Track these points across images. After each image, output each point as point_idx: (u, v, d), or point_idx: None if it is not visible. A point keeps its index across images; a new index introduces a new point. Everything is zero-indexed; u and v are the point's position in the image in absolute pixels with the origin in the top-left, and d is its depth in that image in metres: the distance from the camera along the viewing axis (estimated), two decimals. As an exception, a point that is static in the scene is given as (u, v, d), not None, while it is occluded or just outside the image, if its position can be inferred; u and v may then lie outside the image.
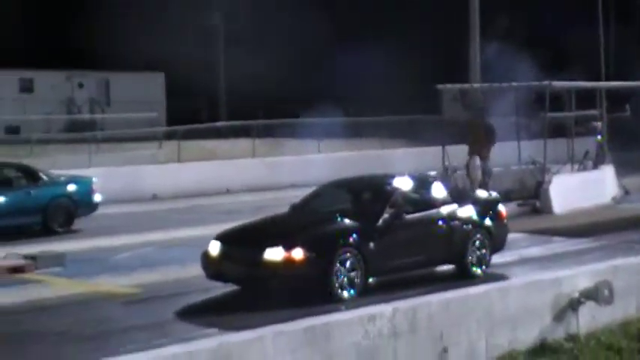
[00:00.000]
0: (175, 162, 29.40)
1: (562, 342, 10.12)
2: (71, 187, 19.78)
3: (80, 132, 37.53)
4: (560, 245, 17.36)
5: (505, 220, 14.82)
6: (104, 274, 14.80)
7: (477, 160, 21.73)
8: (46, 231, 18.79)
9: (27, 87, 46.91)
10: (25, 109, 43.92)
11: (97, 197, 20.11)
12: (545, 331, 10.15)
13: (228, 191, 27.19)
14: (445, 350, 9.11)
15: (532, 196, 22.14)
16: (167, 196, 26.02)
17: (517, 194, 22.10)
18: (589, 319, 10.55)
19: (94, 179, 20.37)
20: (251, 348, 7.79)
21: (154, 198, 25.96)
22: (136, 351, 8.31)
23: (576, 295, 10.44)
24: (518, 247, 16.97)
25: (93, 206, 20.03)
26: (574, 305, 10.43)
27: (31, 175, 19.57)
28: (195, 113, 42.63)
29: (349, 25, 45.46)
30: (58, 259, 15.45)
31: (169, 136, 34.02)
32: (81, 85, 48.55)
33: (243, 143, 32.54)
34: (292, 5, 42.11)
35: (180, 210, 23.10)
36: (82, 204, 19.73)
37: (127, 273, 14.74)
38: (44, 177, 19.68)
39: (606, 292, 10.46)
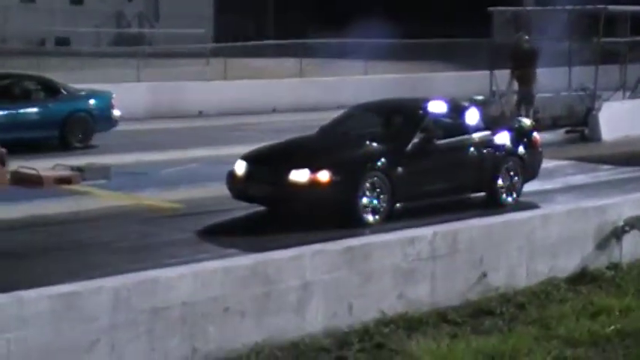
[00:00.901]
0: (222, 79, 29.39)
1: (604, 270, 10.00)
2: (90, 102, 19.54)
3: (129, 46, 37.58)
4: (606, 173, 17.15)
5: (540, 149, 14.52)
6: (148, 188, 14.93)
7: (515, 86, 21.39)
8: (63, 146, 18.61)
9: (77, -1, 47.03)
10: (75, 22, 44.07)
11: (117, 112, 19.79)
12: (587, 259, 10.05)
13: (274, 110, 27.18)
14: (484, 275, 9.07)
15: (581, 123, 21.91)
16: (213, 113, 26.11)
17: (565, 121, 21.87)
18: (632, 248, 10.42)
19: (113, 94, 20.06)
20: (288, 266, 7.81)
21: (200, 114, 26.04)
22: (177, 265, 8.41)
23: (621, 223, 10.31)
24: (564, 174, 16.84)
25: (112, 122, 19.74)
26: (618, 234, 10.29)
27: (50, 88, 19.37)
28: (243, 31, 42.39)
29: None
30: (104, 172, 15.60)
31: (216, 53, 33.90)
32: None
33: (290, 62, 32.37)
34: None
35: (226, 127, 23.14)
36: (101, 119, 19.46)
37: (171, 188, 14.86)
38: (63, 91, 19.49)
39: (652, 221, 10.36)
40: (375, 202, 12.23)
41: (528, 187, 14.63)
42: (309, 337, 7.71)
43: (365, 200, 12.15)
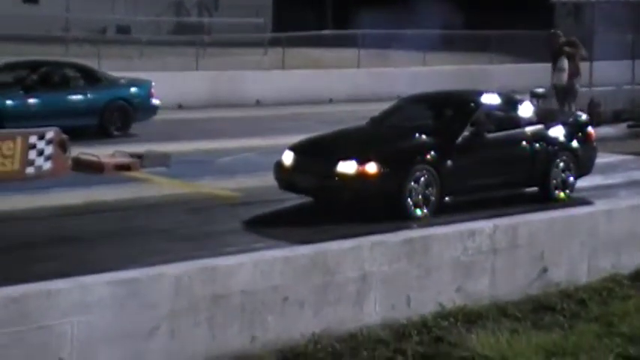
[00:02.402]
0: (280, 69, 29.43)
1: (668, 268, 9.89)
2: (130, 90, 19.41)
3: (188, 35, 37.78)
4: (670, 169, 16.88)
5: (594, 144, 14.28)
6: (206, 176, 14.99)
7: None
8: (102, 133, 18.49)
9: (138, -12, 47.40)
10: (135, 10, 44.42)
11: (156, 101, 19.67)
12: (651, 256, 9.93)
13: (331, 101, 27.15)
14: (545, 270, 8.99)
15: (644, 118, 21.62)
16: (270, 102, 26.16)
17: (628, 115, 21.61)
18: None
19: (152, 83, 19.90)
20: (348, 256, 7.80)
21: (258, 104, 26.12)
22: (235, 253, 8.45)
23: (685, 220, 10.16)
24: (627, 169, 16.62)
25: (151, 110, 19.60)
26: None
27: (90, 75, 19.30)
28: (301, 20, 42.41)
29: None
30: (163, 159, 15.71)
31: (274, 43, 33.94)
32: (190, -12, 48.81)
33: (348, 53, 32.31)
34: None
35: (283, 117, 23.17)
36: (141, 108, 19.33)
37: (228, 176, 14.90)
38: (103, 78, 19.48)
39: None
40: (424, 195, 12.09)
41: (591, 181, 14.49)
42: (367, 328, 7.70)
43: (413, 193, 12.03)
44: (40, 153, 14.54)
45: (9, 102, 17.65)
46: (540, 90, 20.94)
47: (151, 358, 6.71)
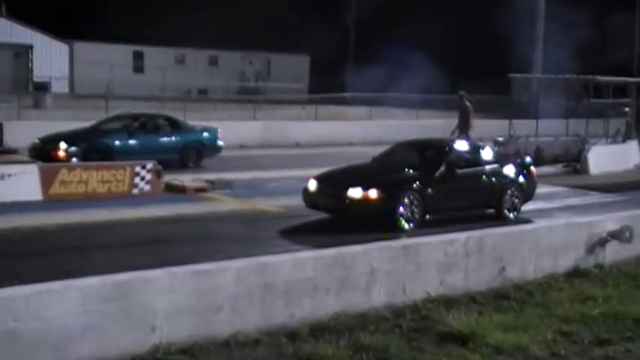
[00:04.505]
0: (313, 120, 29.45)
1: (591, 269, 9.75)
2: (202, 134, 19.24)
3: (248, 95, 37.95)
4: (594, 198, 16.67)
5: (535, 178, 14.10)
6: (260, 196, 14.96)
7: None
8: (181, 166, 18.24)
9: (213, 61, 47.70)
10: (211, 77, 44.73)
11: (221, 142, 19.45)
12: (579, 260, 9.79)
13: (350, 143, 27.10)
14: (503, 269, 8.90)
15: (574, 160, 21.42)
16: (306, 144, 26.14)
17: (563, 158, 21.44)
18: (613, 253, 10.12)
19: (219, 129, 19.67)
20: (360, 257, 7.75)
21: (297, 145, 26.13)
22: (279, 252, 8.42)
23: (604, 234, 10.03)
24: (562, 197, 16.43)
25: (218, 149, 19.39)
26: (602, 242, 10.03)
27: (174, 124, 19.17)
28: (329, 85, 42.52)
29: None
30: (228, 184, 15.70)
31: (310, 101, 34.04)
32: (250, 62, 49.08)
33: (362, 109, 32.31)
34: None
35: (316, 155, 23.12)
36: (210, 147, 19.16)
37: (276, 197, 14.85)
38: (183, 125, 19.34)
39: (628, 233, 10.07)
40: (410, 213, 12.01)
41: (535, 205, 14.33)
42: (374, 309, 7.64)
43: (403, 212, 11.94)
44: (142, 178, 14.61)
45: (117, 142, 17.71)
46: (500, 138, 20.81)
47: (217, 327, 6.68)
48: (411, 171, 12.61)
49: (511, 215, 13.36)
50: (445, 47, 40.49)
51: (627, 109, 25.65)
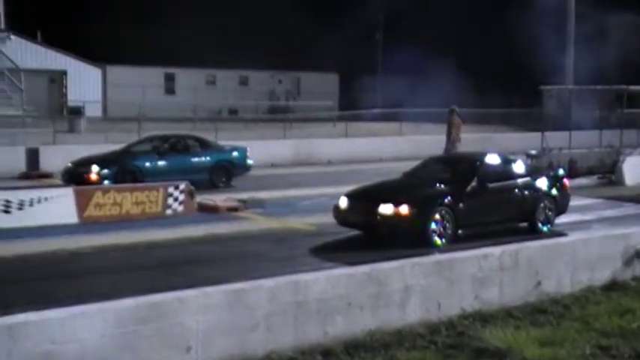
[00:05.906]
0: (344, 137, 29.49)
1: (629, 281, 9.59)
2: (231, 154, 19.25)
3: (278, 114, 38.15)
4: (629, 209, 16.41)
5: (568, 191, 13.94)
6: (292, 214, 14.98)
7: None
8: (211, 185, 18.25)
9: (243, 81, 48.08)
10: (241, 97, 45.08)
11: (250, 161, 19.51)
12: (616, 272, 9.64)
13: (380, 160, 27.05)
14: (539, 283, 8.79)
15: (609, 171, 21.14)
16: (337, 161, 26.17)
17: (598, 169, 21.17)
18: (651, 266, 9.94)
19: (248, 148, 19.73)
20: (394, 273, 7.71)
21: (329, 162, 26.15)
22: (312, 270, 8.41)
23: (641, 247, 9.87)
24: (597, 209, 16.21)
25: (247, 168, 19.45)
26: (639, 254, 9.85)
27: (203, 144, 19.22)
28: (358, 102, 42.57)
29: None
30: (260, 203, 15.76)
31: (340, 118, 34.13)
32: (280, 81, 49.39)
33: (392, 125, 32.27)
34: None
35: (346, 172, 23.13)
36: (239, 166, 19.20)
37: (308, 215, 14.85)
38: (213, 145, 19.41)
39: (666, 246, 9.86)
40: (442, 228, 11.92)
41: (571, 218, 14.15)
42: (409, 326, 7.58)
43: (434, 227, 11.86)
44: (175, 199, 14.71)
45: (147, 164, 17.87)
46: (533, 152, 20.64)
47: (252, 346, 6.68)
48: (442, 186, 12.53)
49: (544, 228, 13.22)
50: (473, 60, 40.34)
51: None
